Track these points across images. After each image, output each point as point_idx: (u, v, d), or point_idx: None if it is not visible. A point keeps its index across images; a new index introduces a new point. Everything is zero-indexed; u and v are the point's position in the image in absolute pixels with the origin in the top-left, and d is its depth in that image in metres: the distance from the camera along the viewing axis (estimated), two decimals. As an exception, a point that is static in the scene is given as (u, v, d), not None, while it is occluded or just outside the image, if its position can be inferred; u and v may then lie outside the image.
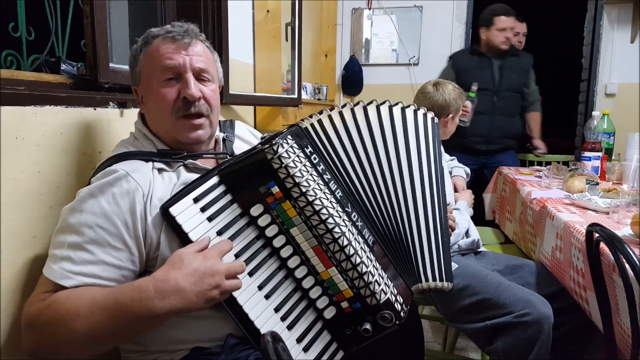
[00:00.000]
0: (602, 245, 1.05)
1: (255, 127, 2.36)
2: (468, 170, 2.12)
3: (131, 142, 1.01)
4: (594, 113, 2.36)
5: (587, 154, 2.10)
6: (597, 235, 1.02)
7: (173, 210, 0.87)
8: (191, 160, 0.98)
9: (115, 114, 1.21)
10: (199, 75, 0.99)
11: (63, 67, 1.31)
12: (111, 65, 1.26)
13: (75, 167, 1.08)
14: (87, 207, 0.85)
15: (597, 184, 1.85)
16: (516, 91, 2.94)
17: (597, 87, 3.57)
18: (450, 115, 1.76)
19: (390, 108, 1.04)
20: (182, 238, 0.87)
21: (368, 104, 1.03)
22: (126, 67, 1.39)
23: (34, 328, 0.82)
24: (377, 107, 1.03)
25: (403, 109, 1.05)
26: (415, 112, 1.06)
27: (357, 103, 1.02)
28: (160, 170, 0.94)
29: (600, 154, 2.11)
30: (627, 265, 0.90)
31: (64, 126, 1.05)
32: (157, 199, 0.89)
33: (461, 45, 3.73)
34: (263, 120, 2.47)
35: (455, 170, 2.06)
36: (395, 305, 0.93)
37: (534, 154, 3.16)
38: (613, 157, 2.29)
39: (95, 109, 1.14)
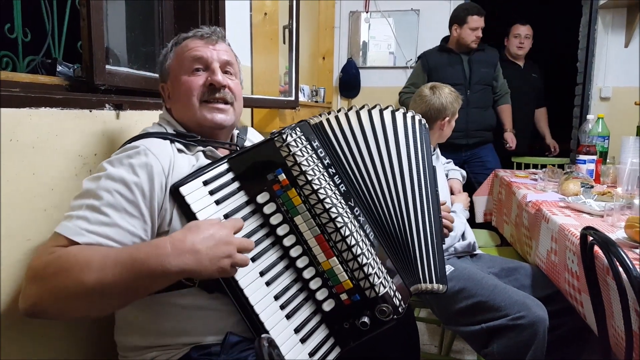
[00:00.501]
0: (597, 248, 1.05)
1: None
2: (464, 173, 2.13)
3: (153, 127, 1.07)
4: (588, 116, 2.37)
5: (582, 157, 2.11)
6: (591, 238, 1.03)
7: (183, 189, 0.90)
8: (211, 148, 1.03)
9: (111, 116, 1.21)
10: (225, 68, 1.07)
11: (59, 68, 1.30)
12: (107, 67, 1.26)
13: (70, 169, 1.07)
14: (107, 174, 0.89)
15: (592, 187, 1.86)
16: (487, 84, 3.03)
17: (592, 90, 3.59)
18: (447, 118, 1.77)
19: (381, 112, 1.07)
20: (190, 218, 0.89)
21: (367, 107, 1.07)
22: (122, 68, 1.39)
23: (38, 279, 0.80)
24: (373, 111, 1.07)
25: (393, 112, 1.08)
26: (404, 115, 1.10)
27: (363, 106, 1.07)
28: (180, 150, 0.99)
29: (594, 157, 2.12)
30: (620, 269, 0.91)
31: (59, 128, 1.04)
32: (177, 176, 0.92)
33: (457, 48, 3.75)
34: (260, 123, 2.47)
35: (452, 173, 2.07)
36: (394, 300, 0.94)
37: (506, 147, 3.21)
38: (608, 161, 2.30)
39: (91, 111, 1.14)
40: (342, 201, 0.95)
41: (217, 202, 0.92)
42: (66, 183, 1.06)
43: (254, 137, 1.23)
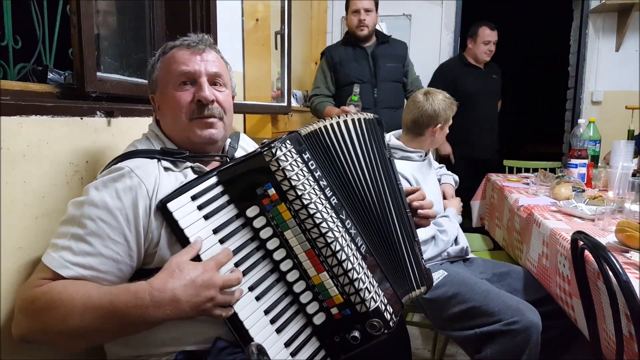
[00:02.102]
0: (587, 252, 1.06)
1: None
2: (457, 177, 2.13)
3: (141, 141, 1.05)
4: (579, 121, 2.39)
5: (573, 161, 2.13)
6: (581, 243, 1.04)
7: (171, 205, 0.89)
8: (199, 164, 1.01)
9: (102, 123, 1.21)
10: (213, 80, 1.04)
11: (50, 75, 1.30)
12: (99, 74, 1.26)
13: (61, 177, 1.07)
14: (90, 201, 0.88)
15: (583, 191, 1.88)
16: (396, 80, 2.75)
17: (584, 94, 3.62)
18: (439, 125, 1.77)
19: (354, 120, 1.05)
20: (178, 234, 0.89)
21: (343, 117, 1.04)
22: (114, 75, 1.39)
23: (26, 313, 0.84)
24: (348, 120, 1.04)
25: (345, 121, 1.04)
26: (352, 120, 1.05)
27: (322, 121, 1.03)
28: (166, 169, 0.97)
29: (586, 161, 2.14)
30: (610, 274, 0.91)
31: (50, 136, 1.04)
32: (162, 196, 0.91)
33: (449, 54, 3.77)
34: (253, 128, 2.47)
35: (444, 177, 2.08)
36: (385, 314, 0.93)
37: None
38: (599, 164, 2.32)
39: (82, 119, 1.13)
40: (333, 215, 0.94)
41: (206, 217, 0.91)
42: (57, 191, 1.05)
43: (245, 144, 1.22)
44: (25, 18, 1.29)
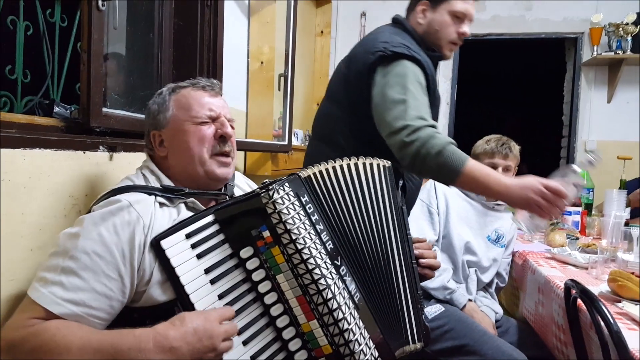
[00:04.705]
0: (580, 301, 1.06)
1: (244, 171, 2.38)
2: (500, 311, 1.77)
3: (137, 176, 1.04)
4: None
5: (567, 208, 2.15)
6: (574, 292, 1.04)
7: (164, 243, 0.88)
8: (193, 199, 1.00)
9: (104, 158, 1.23)
10: (229, 122, 1.07)
11: (56, 109, 1.33)
12: (104, 109, 1.29)
13: (60, 209, 1.08)
14: (86, 234, 0.86)
15: (577, 238, 1.89)
16: (335, 100, 1.61)
17: (577, 143, 3.69)
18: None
19: (364, 165, 1.04)
20: (168, 272, 0.87)
21: (346, 160, 1.03)
22: (119, 111, 1.42)
23: (15, 355, 0.80)
24: (350, 164, 1.03)
25: (364, 164, 1.04)
26: (364, 164, 1.04)
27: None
28: (161, 204, 0.96)
29: (580, 209, 2.16)
30: (602, 323, 0.91)
31: (52, 169, 1.05)
32: (156, 232, 0.90)
33: (447, 100, 3.87)
34: (253, 165, 2.49)
35: (485, 307, 1.74)
36: None
37: None
38: (593, 213, 2.34)
39: (84, 152, 1.15)
40: (328, 261, 0.92)
41: (199, 256, 0.90)
42: (55, 223, 1.06)
43: (240, 182, 1.22)
44: (35, 53, 1.33)
